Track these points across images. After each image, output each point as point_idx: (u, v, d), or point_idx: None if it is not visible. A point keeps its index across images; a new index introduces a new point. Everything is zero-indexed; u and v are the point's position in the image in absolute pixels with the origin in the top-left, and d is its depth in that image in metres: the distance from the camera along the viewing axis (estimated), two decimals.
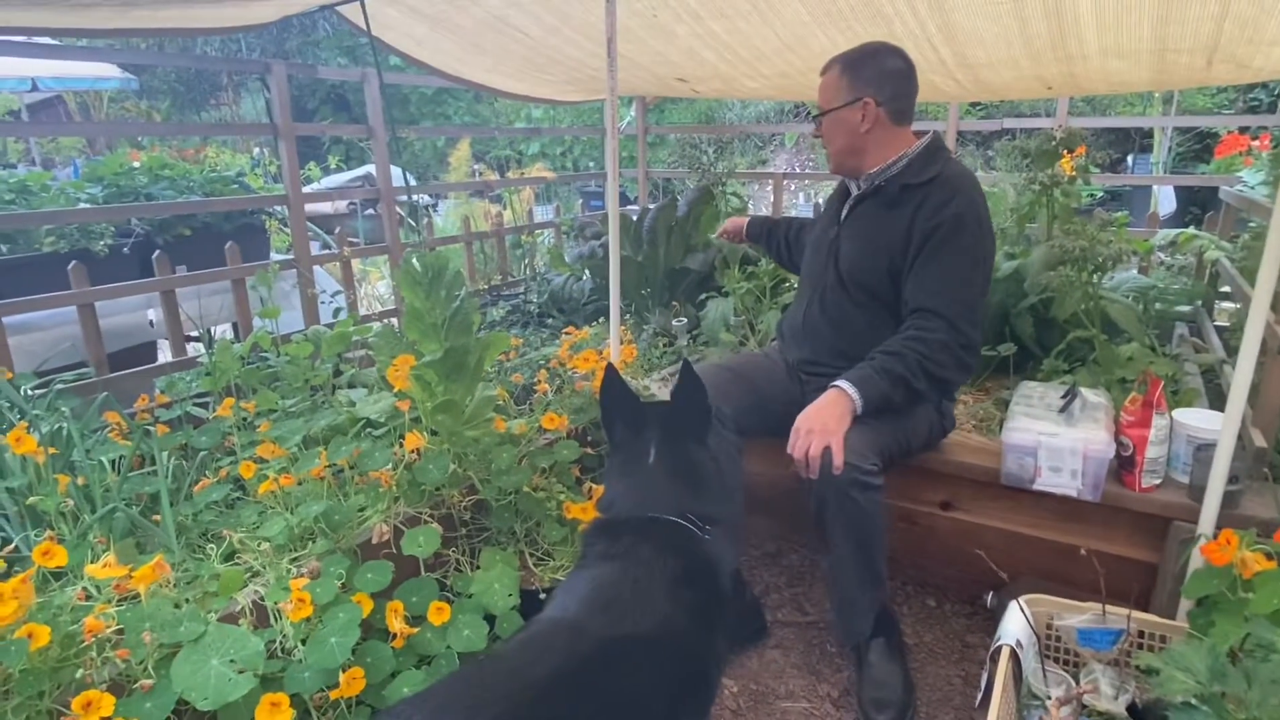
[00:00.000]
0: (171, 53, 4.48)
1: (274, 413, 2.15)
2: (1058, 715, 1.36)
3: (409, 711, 0.92)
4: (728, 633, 1.30)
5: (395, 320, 3.44)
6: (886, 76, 1.80)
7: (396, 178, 3.63)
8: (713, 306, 2.98)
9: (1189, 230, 2.94)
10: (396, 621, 1.44)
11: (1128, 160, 7.87)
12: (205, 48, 10.16)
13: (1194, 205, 6.77)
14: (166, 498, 1.61)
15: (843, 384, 1.65)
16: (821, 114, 1.85)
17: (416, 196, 3.92)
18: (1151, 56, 2.38)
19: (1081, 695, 1.42)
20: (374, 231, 5.94)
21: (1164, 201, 6.48)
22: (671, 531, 1.26)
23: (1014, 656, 1.42)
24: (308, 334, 2.58)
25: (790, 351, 2.04)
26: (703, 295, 3.13)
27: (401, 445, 1.79)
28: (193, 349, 2.90)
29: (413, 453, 1.76)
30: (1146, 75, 2.65)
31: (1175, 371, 2.16)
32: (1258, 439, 1.74)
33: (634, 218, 3.62)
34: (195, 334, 3.00)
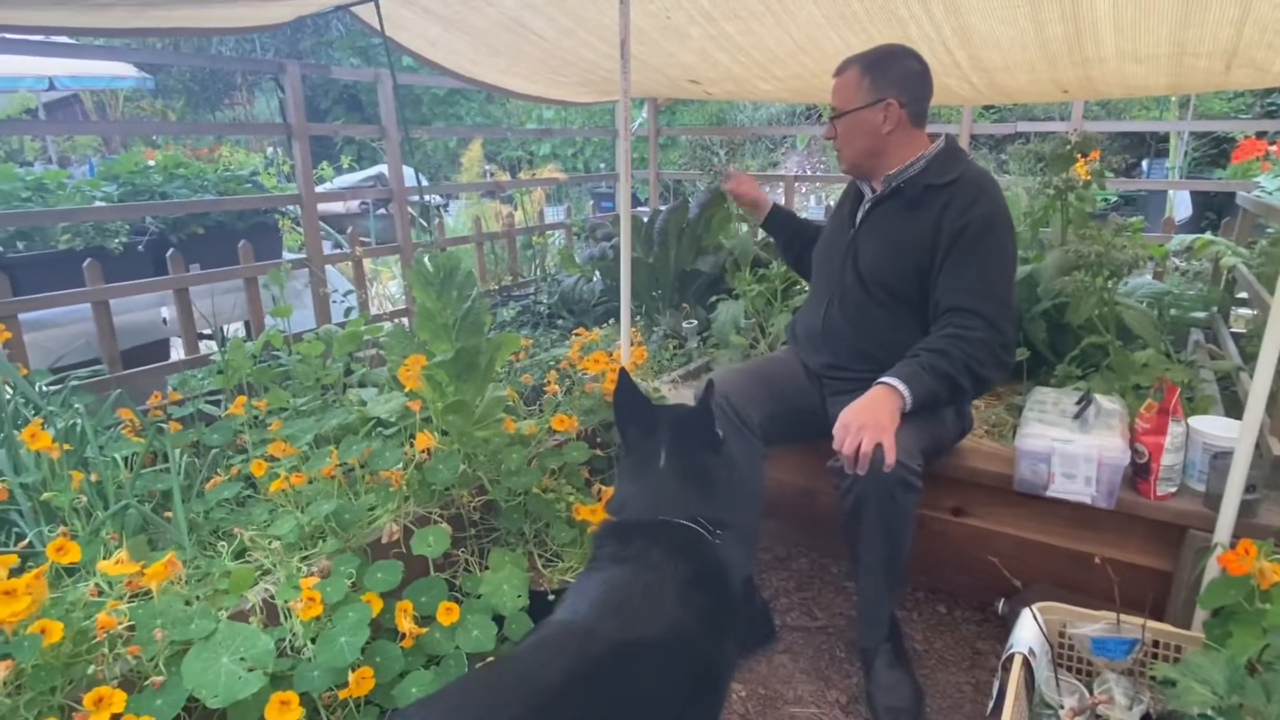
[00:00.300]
0: (187, 52, 4.51)
1: (285, 411, 2.16)
2: None
3: (422, 714, 0.92)
4: (737, 637, 1.29)
5: (406, 320, 3.45)
6: (908, 78, 1.79)
7: (409, 178, 3.64)
8: (723, 309, 2.98)
9: (1205, 236, 2.91)
10: (406, 621, 1.44)
11: (1143, 165, 7.81)
12: (220, 47, 10.23)
13: (1210, 210, 6.71)
14: (179, 495, 1.62)
15: (892, 381, 1.61)
16: (840, 115, 1.83)
17: (428, 197, 3.94)
18: (1169, 61, 2.36)
19: (1096, 705, 1.40)
20: (385, 231, 5.95)
21: (1180, 206, 6.43)
22: (682, 535, 1.26)
23: (1026, 665, 1.41)
24: (319, 333, 2.60)
25: (809, 356, 2.01)
26: (713, 297, 3.12)
27: (412, 445, 1.79)
28: (205, 347, 2.91)
29: (423, 453, 1.76)
30: (1164, 79, 2.63)
31: (1191, 378, 2.14)
32: (1275, 447, 1.73)
33: (645, 219, 3.62)
34: (208, 332, 3.03)
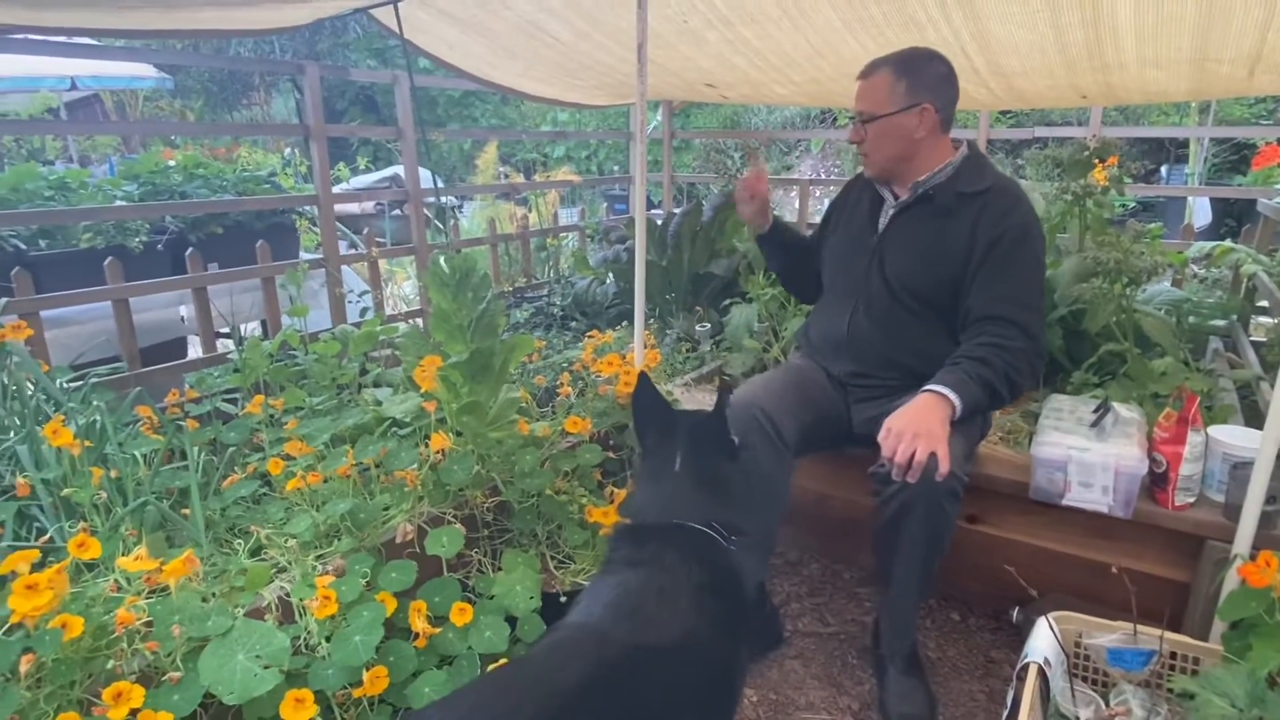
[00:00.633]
0: (206, 53, 4.55)
1: (301, 410, 2.18)
2: None
3: (438, 715, 0.93)
4: (750, 643, 1.29)
5: (421, 321, 3.47)
6: (941, 82, 1.76)
7: (425, 179, 3.66)
8: (736, 312, 2.97)
9: (1225, 243, 2.88)
10: (419, 621, 1.45)
11: (1161, 170, 7.74)
12: (239, 49, 10.33)
13: (1230, 217, 6.65)
14: (197, 492, 1.63)
15: (942, 389, 1.57)
16: (872, 119, 1.78)
17: (443, 198, 3.96)
18: (1191, 66, 2.34)
19: (1113, 717, 1.39)
20: (400, 232, 6.00)
21: (1199, 213, 6.37)
22: (696, 539, 1.26)
23: (1041, 674, 1.39)
24: (335, 333, 2.62)
25: (831, 363, 1.98)
26: (726, 301, 3.12)
27: (427, 445, 1.80)
28: (221, 345, 2.94)
29: (438, 453, 1.77)
30: (1184, 85, 2.61)
31: (1210, 387, 2.12)
32: None
33: (658, 222, 3.62)
34: (225, 330, 3.05)
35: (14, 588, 1.14)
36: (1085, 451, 1.73)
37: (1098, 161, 2.59)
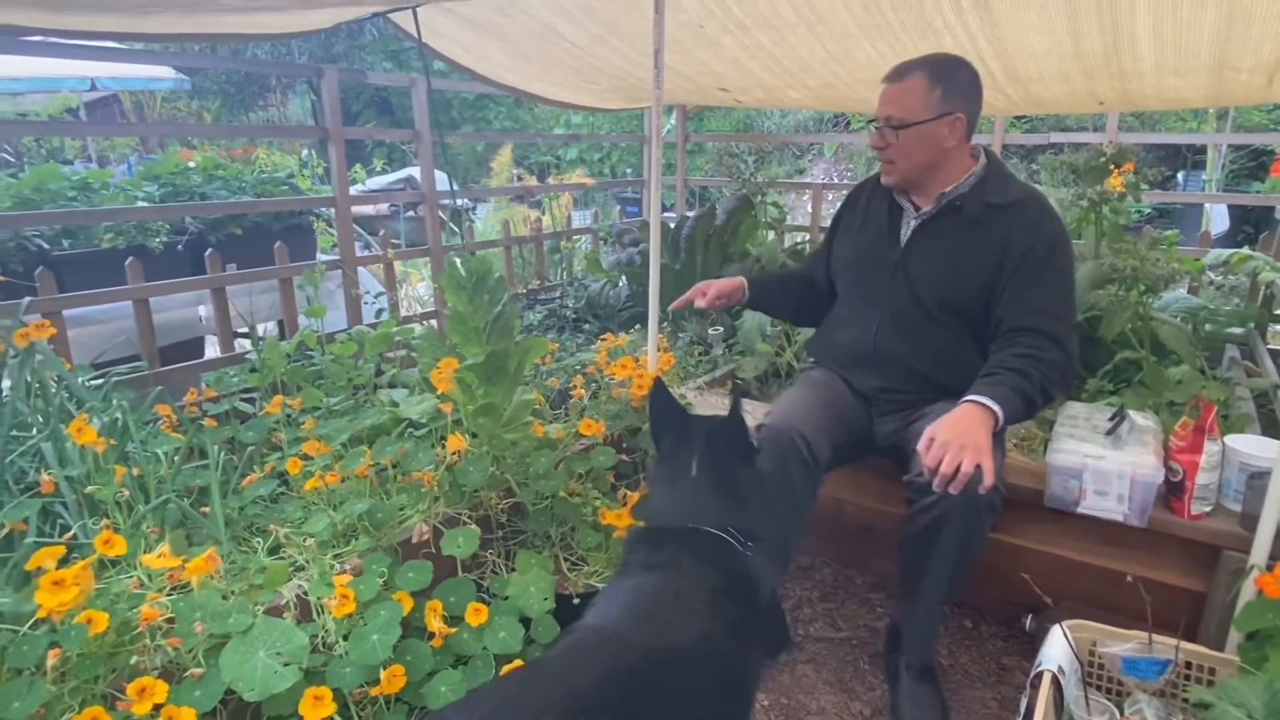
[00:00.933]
0: (224, 56, 4.60)
1: (318, 410, 2.20)
2: None
3: (458, 716, 0.94)
4: (764, 648, 1.30)
5: (435, 322, 3.49)
6: (972, 90, 1.73)
7: (441, 182, 3.68)
8: (749, 316, 2.98)
9: (1243, 250, 2.87)
10: (435, 621, 1.46)
11: (1178, 177, 7.69)
12: (256, 51, 10.41)
13: (1247, 224, 6.59)
14: (217, 491, 1.65)
15: (985, 401, 1.54)
16: (904, 126, 1.72)
17: (458, 200, 3.98)
18: (1209, 74, 2.33)
19: None
20: (414, 233, 6.03)
21: (1216, 220, 6.32)
22: (712, 544, 1.26)
23: (1055, 683, 1.39)
24: (352, 334, 2.64)
25: (855, 378, 1.93)
26: None
27: (443, 446, 1.82)
28: (239, 345, 2.97)
29: (454, 454, 1.79)
30: (1203, 92, 2.60)
31: (1227, 396, 2.11)
32: None
33: (672, 226, 3.63)
34: (242, 330, 3.09)
35: (41, 583, 1.16)
36: (1101, 459, 1.73)
37: (1114, 167, 2.59)
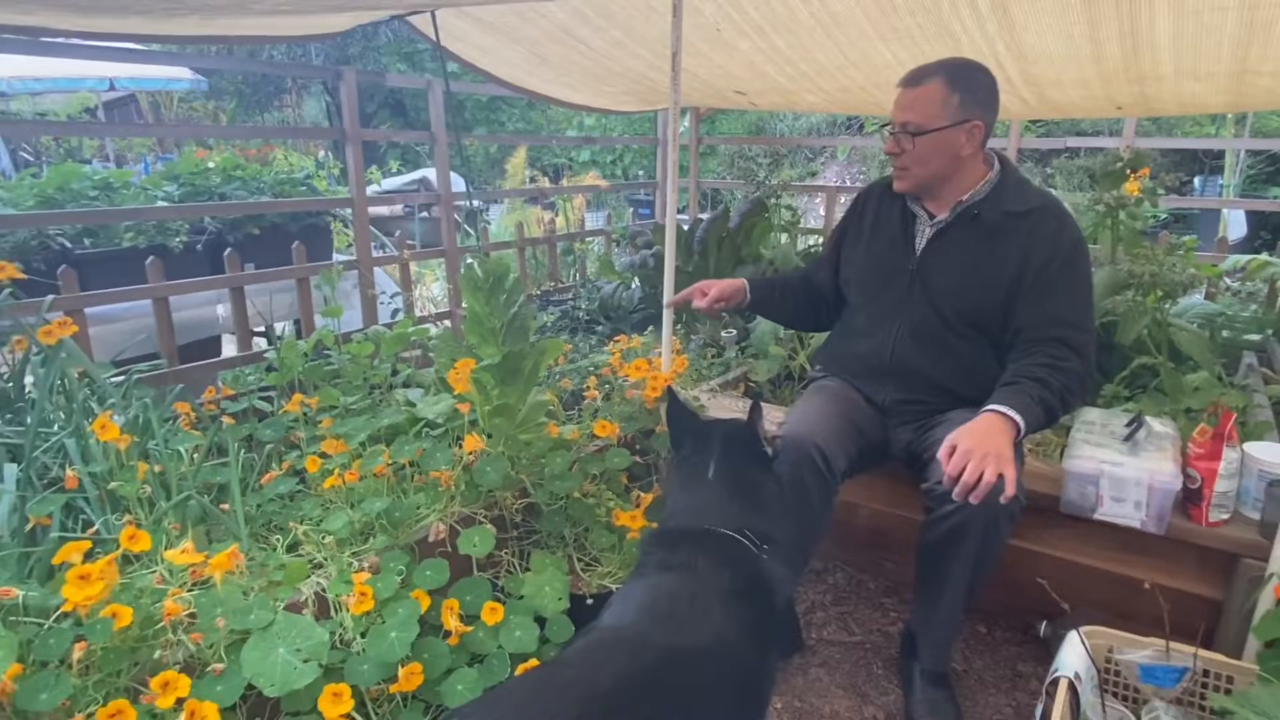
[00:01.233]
0: (241, 57, 4.64)
1: (335, 409, 2.22)
2: None
3: (478, 715, 0.95)
4: (779, 651, 1.30)
5: (449, 322, 3.51)
6: (991, 97, 1.71)
7: (456, 183, 3.71)
8: (762, 320, 2.98)
9: (1260, 256, 2.85)
10: (452, 619, 1.47)
11: (1195, 182, 7.64)
12: (273, 53, 10.51)
13: (1265, 230, 6.53)
14: (237, 488, 1.67)
15: (1007, 410, 1.52)
16: (922, 132, 1.69)
17: (473, 201, 4.01)
18: (1229, 79, 2.32)
19: None
20: (429, 234, 6.06)
21: (1234, 226, 6.27)
22: (728, 546, 1.27)
23: (1072, 689, 1.39)
24: (368, 334, 2.66)
25: (871, 389, 1.92)
26: None
27: (459, 446, 1.83)
28: (256, 344, 2.99)
29: (471, 454, 1.80)
30: (1222, 97, 2.58)
31: (1246, 403, 2.10)
32: None
33: (685, 228, 3.63)
34: (260, 329, 3.11)
35: (67, 577, 1.18)
36: (1118, 466, 1.72)
37: (1130, 172, 2.57)
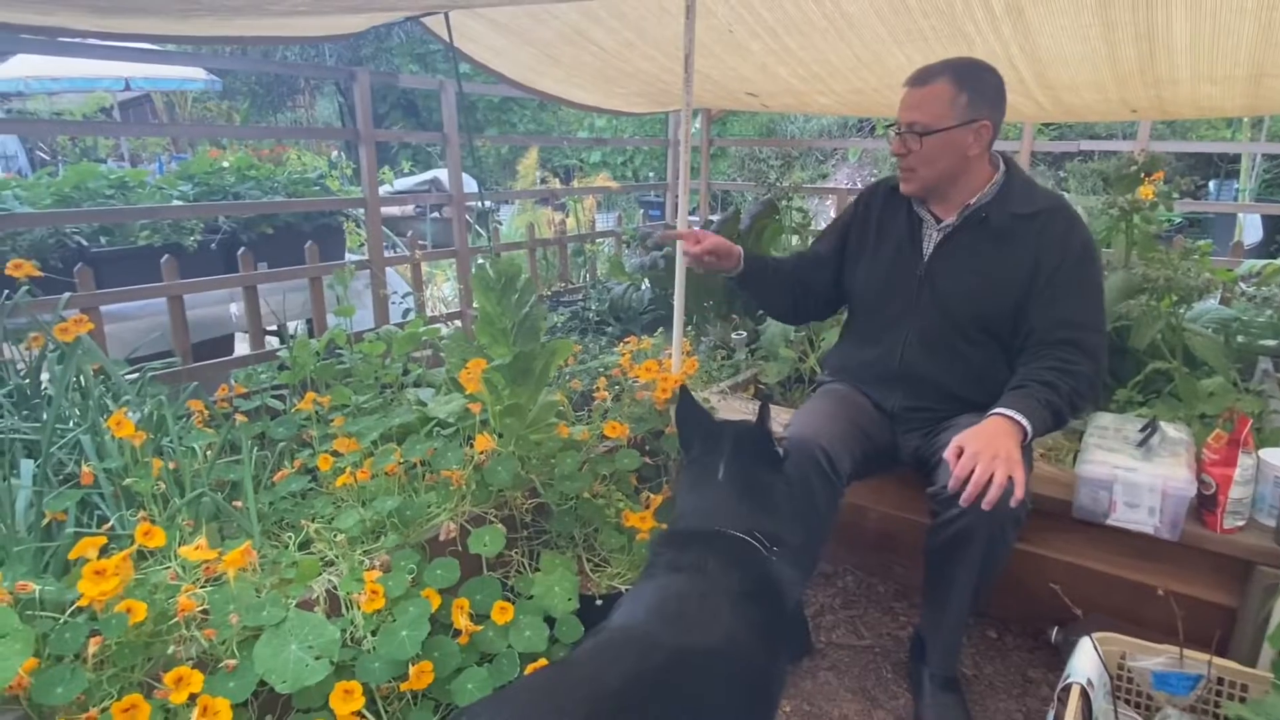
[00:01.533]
0: (255, 58, 4.68)
1: (346, 408, 2.23)
2: None
3: (488, 713, 0.95)
4: (788, 653, 1.30)
5: (459, 322, 3.52)
6: (998, 97, 1.69)
7: (468, 184, 3.72)
8: (773, 321, 2.98)
9: (1277, 261, 2.82)
10: (462, 618, 1.47)
11: (1210, 186, 7.58)
12: (286, 54, 10.57)
13: None
14: (250, 486, 1.68)
15: (1014, 414, 1.51)
16: (929, 132, 1.66)
17: (485, 202, 4.02)
18: (1247, 82, 2.30)
19: None
20: (440, 234, 6.09)
21: (1249, 230, 6.22)
22: (737, 547, 1.27)
23: (1084, 695, 1.38)
24: (380, 333, 2.67)
25: (879, 396, 1.90)
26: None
27: (470, 445, 1.84)
28: (268, 342, 3.01)
29: (482, 454, 1.81)
30: (1239, 101, 2.56)
31: (1262, 408, 2.08)
32: None
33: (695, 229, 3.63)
34: (273, 328, 3.14)
35: (83, 572, 1.19)
36: (1132, 471, 1.71)
37: (1145, 176, 2.55)
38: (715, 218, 3.74)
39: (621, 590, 1.79)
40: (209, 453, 1.85)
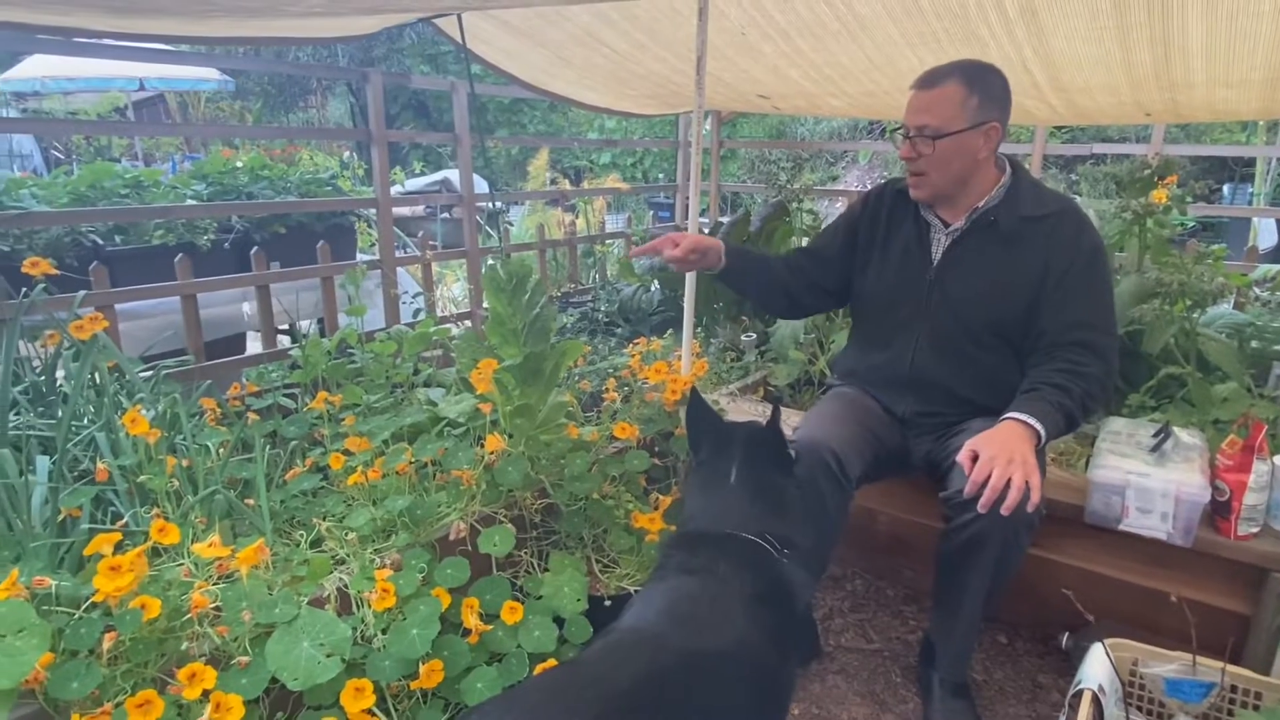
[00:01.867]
0: (268, 58, 4.71)
1: (357, 407, 2.24)
2: None
3: (497, 712, 0.95)
4: (798, 655, 1.30)
5: (469, 322, 3.53)
6: (1006, 98, 1.68)
7: (479, 185, 3.73)
8: (783, 323, 2.97)
9: None
10: (472, 618, 1.48)
11: (1225, 190, 7.52)
12: (299, 54, 10.63)
13: None
14: (263, 484, 1.69)
15: (1027, 419, 1.50)
16: (940, 136, 1.64)
17: (495, 203, 4.04)
18: (1263, 86, 2.29)
19: None
20: (451, 235, 6.11)
21: (1264, 234, 6.17)
22: (749, 549, 1.27)
23: (1095, 702, 1.37)
24: (391, 333, 2.68)
25: (890, 401, 1.89)
26: None
27: (481, 445, 1.84)
28: (280, 341, 3.03)
29: (492, 454, 1.81)
30: (1255, 104, 2.54)
31: (1276, 414, 2.06)
32: None
33: (705, 231, 3.63)
34: (285, 327, 3.15)
35: (99, 568, 1.20)
36: (1145, 477, 1.70)
37: (1158, 180, 2.54)
38: (725, 219, 3.74)
39: (630, 591, 1.80)
40: (222, 450, 1.86)
